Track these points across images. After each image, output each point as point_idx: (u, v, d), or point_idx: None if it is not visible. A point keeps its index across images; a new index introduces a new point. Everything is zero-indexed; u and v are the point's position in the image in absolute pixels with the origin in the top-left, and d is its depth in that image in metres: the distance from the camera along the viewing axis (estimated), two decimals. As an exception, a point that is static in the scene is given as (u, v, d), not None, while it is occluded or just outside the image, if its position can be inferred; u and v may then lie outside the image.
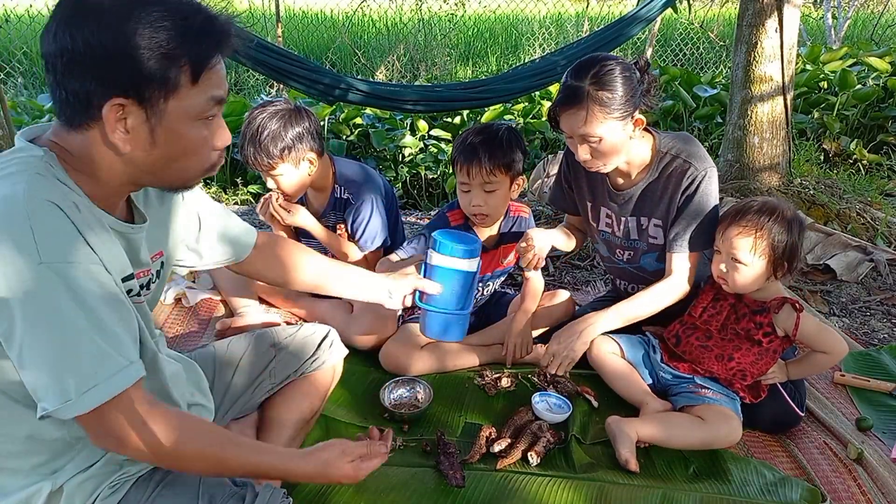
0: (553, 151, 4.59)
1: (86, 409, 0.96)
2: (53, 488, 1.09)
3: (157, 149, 1.02)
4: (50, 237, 0.92)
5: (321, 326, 1.70)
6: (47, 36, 0.96)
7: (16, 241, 0.90)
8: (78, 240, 0.96)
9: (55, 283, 0.92)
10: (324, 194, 2.36)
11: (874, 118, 5.01)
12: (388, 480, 1.61)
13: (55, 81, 0.98)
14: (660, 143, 1.93)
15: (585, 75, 1.73)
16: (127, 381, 0.99)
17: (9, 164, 1.00)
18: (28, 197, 0.92)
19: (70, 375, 0.94)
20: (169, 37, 0.96)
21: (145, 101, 0.97)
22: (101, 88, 0.95)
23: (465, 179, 2.05)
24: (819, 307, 2.75)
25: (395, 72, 7.80)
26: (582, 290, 2.95)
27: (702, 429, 1.77)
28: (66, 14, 0.95)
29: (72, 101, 0.97)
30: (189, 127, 1.03)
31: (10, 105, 4.49)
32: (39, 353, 0.93)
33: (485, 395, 2.05)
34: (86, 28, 0.93)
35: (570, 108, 1.75)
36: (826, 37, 8.02)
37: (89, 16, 0.94)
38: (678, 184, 1.90)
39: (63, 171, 1.01)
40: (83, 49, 0.93)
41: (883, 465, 1.75)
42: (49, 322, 0.93)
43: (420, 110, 4.39)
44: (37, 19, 7.82)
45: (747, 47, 3.49)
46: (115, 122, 0.97)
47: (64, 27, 0.94)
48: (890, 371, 2.25)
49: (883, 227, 3.36)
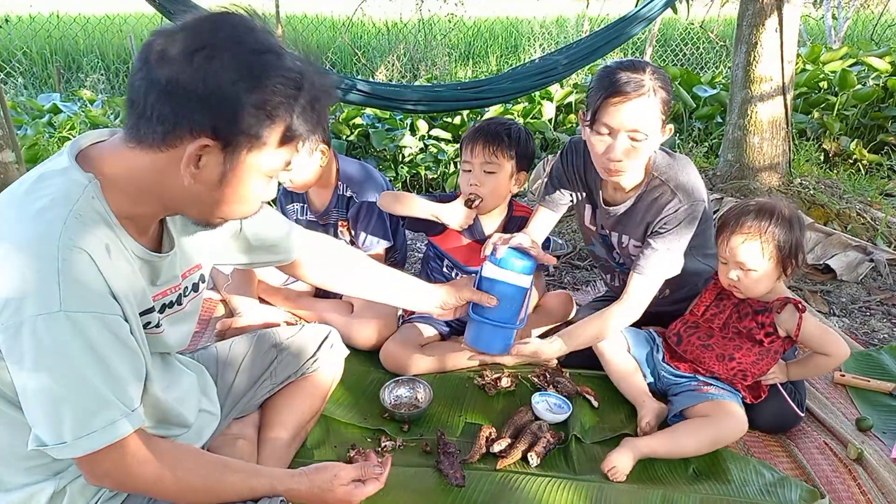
0: (553, 151, 4.59)
1: (79, 453, 0.98)
2: (57, 489, 1.10)
3: (218, 190, 1.03)
4: (74, 286, 0.93)
5: (322, 327, 1.70)
6: (167, 49, 0.94)
7: (41, 282, 0.91)
8: (102, 290, 0.97)
9: (70, 330, 0.93)
10: (327, 191, 2.36)
11: (874, 118, 5.00)
12: (388, 480, 1.60)
13: (144, 94, 0.96)
14: (654, 165, 1.88)
15: (644, 70, 1.69)
16: (123, 430, 1.00)
17: (49, 187, 0.98)
18: (62, 243, 0.93)
19: (68, 419, 0.96)
20: (278, 103, 0.98)
21: (229, 147, 0.99)
22: (194, 125, 0.96)
23: (467, 158, 2.10)
24: (819, 307, 2.75)
25: (395, 72, 7.80)
26: (582, 290, 2.95)
27: (709, 428, 1.75)
28: (199, 43, 0.94)
29: (155, 123, 0.97)
30: (256, 179, 1.05)
31: (11, 105, 4.49)
32: (42, 392, 0.95)
33: (485, 395, 2.05)
34: (210, 65, 0.93)
35: (629, 98, 1.66)
36: (826, 37, 8.01)
37: (219, 55, 0.94)
38: (658, 213, 1.85)
39: (104, 200, 1.01)
40: (197, 83, 0.93)
41: (883, 465, 1.75)
42: (57, 366, 0.94)
43: (420, 110, 4.39)
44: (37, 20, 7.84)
45: (747, 47, 3.49)
46: (192, 157, 0.98)
47: (189, 54, 0.93)
48: (890, 371, 2.25)
49: (883, 227, 3.36)
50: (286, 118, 1.00)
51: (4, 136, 2.82)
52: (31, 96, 6.25)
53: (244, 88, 0.94)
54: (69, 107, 5.28)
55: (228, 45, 0.95)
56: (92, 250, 0.96)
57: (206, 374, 1.45)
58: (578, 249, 3.35)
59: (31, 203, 0.97)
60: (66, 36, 8.03)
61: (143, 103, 0.96)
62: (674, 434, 1.78)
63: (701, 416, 1.80)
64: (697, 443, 1.75)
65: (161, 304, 1.18)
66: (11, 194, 1.02)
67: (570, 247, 3.36)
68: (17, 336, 0.92)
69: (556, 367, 2.16)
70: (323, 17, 9.64)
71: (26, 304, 0.91)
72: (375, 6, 8.65)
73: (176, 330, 1.24)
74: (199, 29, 0.96)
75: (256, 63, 0.95)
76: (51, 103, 5.30)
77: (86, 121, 4.86)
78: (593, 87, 1.76)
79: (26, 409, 0.97)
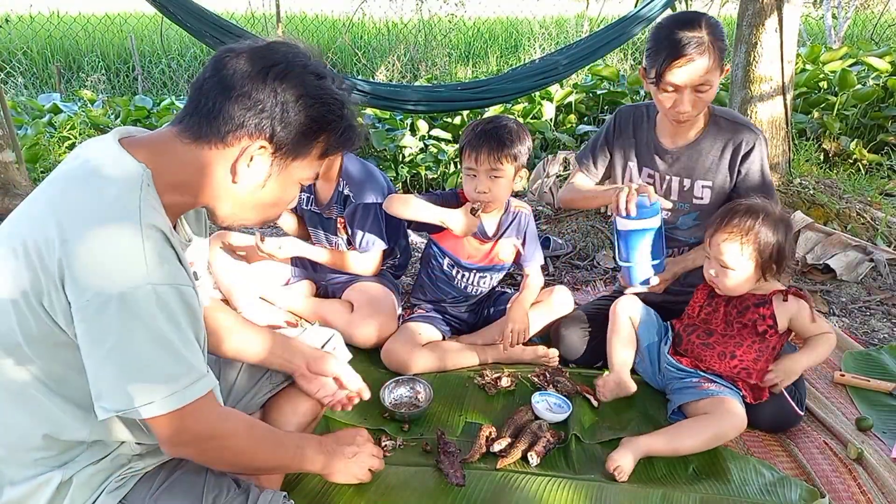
0: (553, 152, 4.59)
1: (167, 410, 1.04)
2: (63, 479, 1.12)
3: (259, 191, 1.16)
4: (158, 259, 1.02)
5: (325, 330, 1.71)
6: (241, 63, 1.08)
7: (129, 261, 1.00)
8: (178, 264, 1.07)
9: (156, 301, 1.01)
10: (330, 185, 2.37)
11: (874, 118, 5.00)
12: (388, 480, 1.61)
13: (214, 98, 1.08)
14: (712, 107, 2.06)
15: (699, 26, 1.83)
16: (204, 388, 1.09)
17: (115, 181, 1.05)
18: (144, 222, 1.02)
19: (156, 381, 1.03)
20: (329, 122, 1.14)
21: (280, 152, 1.13)
22: (256, 127, 1.09)
23: (472, 165, 2.08)
24: (819, 307, 2.75)
25: (396, 72, 7.80)
26: (582, 290, 2.95)
27: (708, 424, 1.76)
28: (272, 62, 1.09)
29: (220, 123, 1.09)
30: (291, 185, 1.20)
31: (11, 105, 4.49)
32: (131, 361, 1.01)
33: (485, 394, 2.05)
34: (281, 81, 1.08)
35: (693, 57, 1.82)
36: (826, 37, 8.01)
37: (289, 74, 1.09)
38: (736, 149, 2.02)
39: (155, 191, 1.08)
40: (268, 94, 1.08)
41: (883, 465, 1.75)
42: (146, 335, 1.01)
43: (421, 110, 4.39)
44: (37, 19, 7.84)
45: (747, 47, 3.49)
46: (249, 157, 1.11)
47: (265, 69, 1.08)
48: (890, 371, 2.25)
49: (883, 227, 3.36)
50: (330, 135, 1.16)
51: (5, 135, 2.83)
52: (31, 96, 6.26)
53: (306, 105, 1.10)
54: (69, 107, 5.28)
55: (297, 67, 1.10)
56: (164, 229, 1.05)
57: None
58: (578, 249, 3.35)
59: (99, 187, 1.04)
60: (67, 36, 8.04)
61: (210, 105, 1.09)
62: (673, 432, 1.79)
63: (700, 414, 1.81)
64: (697, 440, 1.76)
65: None
66: (67, 178, 1.08)
67: (570, 247, 3.36)
68: (103, 311, 0.98)
69: (557, 366, 2.17)
70: (323, 16, 9.64)
71: (115, 279, 0.98)
72: (376, 6, 8.66)
73: None
74: (273, 50, 1.11)
75: (318, 86, 1.12)
76: (51, 103, 5.31)
77: (86, 121, 4.86)
78: (652, 46, 1.90)
79: (101, 381, 1.02)
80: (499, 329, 2.26)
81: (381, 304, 2.31)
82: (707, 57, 1.83)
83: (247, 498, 1.24)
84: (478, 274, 2.29)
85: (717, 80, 1.89)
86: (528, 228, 2.27)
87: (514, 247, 2.26)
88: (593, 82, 5.58)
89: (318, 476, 1.61)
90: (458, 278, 2.30)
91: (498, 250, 2.25)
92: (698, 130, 2.07)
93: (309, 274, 2.58)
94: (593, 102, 5.52)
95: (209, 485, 1.22)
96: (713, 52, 1.83)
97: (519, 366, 2.21)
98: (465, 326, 2.38)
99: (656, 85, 1.90)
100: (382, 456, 1.50)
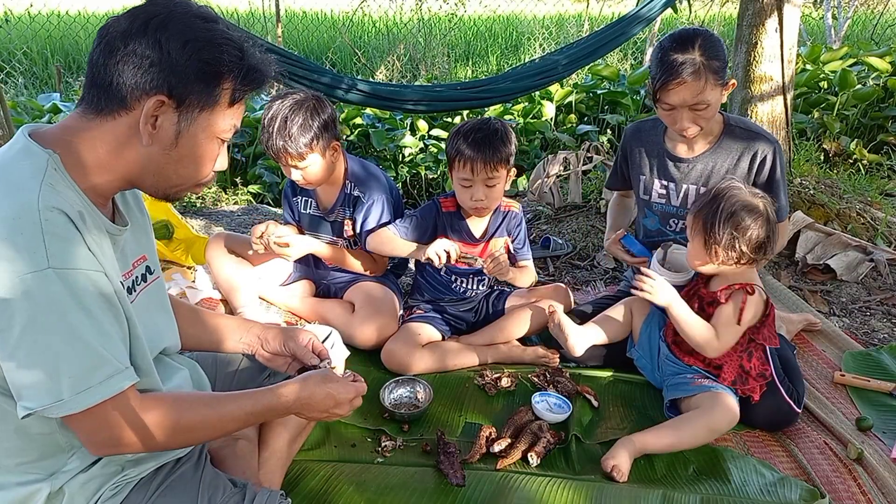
0: (553, 151, 4.58)
1: (78, 408, 0.99)
2: (53, 490, 1.09)
3: (174, 150, 1.10)
4: (60, 243, 0.97)
5: (323, 328, 1.70)
6: (123, 25, 1.03)
7: (28, 246, 0.95)
8: (83, 248, 1.01)
9: (61, 288, 0.96)
10: (334, 188, 2.35)
11: (874, 118, 5.00)
12: (389, 480, 1.61)
13: (104, 65, 1.04)
14: (727, 116, 2.12)
15: (692, 47, 1.87)
16: (122, 384, 1.03)
17: (17, 168, 1.02)
18: (42, 206, 0.97)
19: (66, 376, 0.97)
20: (228, 60, 1.08)
21: (183, 106, 1.07)
22: (151, 83, 1.03)
23: (467, 175, 2.06)
24: (819, 307, 2.75)
25: (395, 72, 7.79)
26: (582, 290, 2.95)
27: (701, 419, 1.78)
28: (152, 14, 1.04)
29: (113, 88, 1.04)
30: (208, 140, 1.13)
31: (11, 105, 4.49)
32: (38, 353, 0.96)
33: (485, 395, 2.05)
34: (163, 31, 1.03)
35: (685, 79, 1.87)
36: (826, 37, 8.01)
37: (171, 22, 1.04)
38: (752, 159, 2.07)
39: (67, 174, 1.04)
40: (153, 47, 1.03)
41: (883, 465, 1.75)
42: (52, 324, 0.96)
43: (420, 110, 4.39)
44: (37, 19, 7.83)
45: (747, 47, 3.49)
46: (149, 116, 1.05)
47: (144, 24, 1.03)
48: (890, 371, 2.25)
49: (883, 227, 3.36)
50: (233, 79, 1.09)
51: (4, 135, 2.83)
52: (31, 96, 6.25)
53: (195, 49, 1.04)
54: (69, 107, 5.27)
55: (179, 15, 1.05)
56: (69, 212, 1.00)
57: (199, 370, 1.43)
58: (578, 249, 3.35)
59: (4, 179, 1.01)
60: (67, 35, 8.03)
61: (102, 74, 1.04)
62: (667, 428, 1.80)
63: (693, 409, 1.83)
64: (689, 434, 1.77)
65: (126, 285, 1.17)
66: None
67: (570, 247, 3.36)
68: (8, 302, 0.93)
69: (557, 366, 2.16)
70: (323, 15, 9.64)
71: (15, 267, 0.94)
72: (376, 5, 8.65)
73: (149, 321, 1.22)
74: (153, 3, 1.06)
75: (206, 28, 1.06)
76: (51, 103, 5.30)
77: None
78: (651, 66, 1.97)
79: (14, 378, 0.97)
80: (498, 329, 2.27)
81: (382, 304, 2.31)
82: (699, 79, 1.87)
83: (243, 497, 1.22)
84: (474, 277, 2.30)
85: (717, 97, 1.93)
86: (520, 225, 2.29)
87: (506, 244, 2.27)
88: (593, 82, 5.58)
89: (318, 476, 1.62)
90: (455, 283, 2.31)
91: (490, 251, 2.26)
92: (713, 139, 2.11)
93: (309, 273, 2.57)
94: (593, 102, 5.52)
95: (205, 487, 1.21)
96: (706, 73, 1.87)
97: (519, 366, 2.21)
98: (465, 326, 2.38)
99: (655, 104, 1.98)
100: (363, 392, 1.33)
